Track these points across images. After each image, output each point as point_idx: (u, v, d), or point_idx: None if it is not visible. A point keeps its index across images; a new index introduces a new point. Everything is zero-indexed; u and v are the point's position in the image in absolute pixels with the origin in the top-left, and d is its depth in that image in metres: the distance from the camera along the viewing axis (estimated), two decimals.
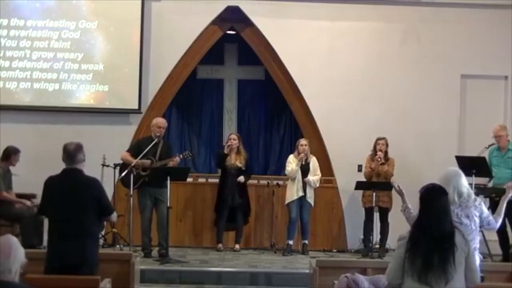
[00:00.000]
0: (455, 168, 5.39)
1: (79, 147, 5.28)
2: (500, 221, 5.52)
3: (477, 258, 4.77)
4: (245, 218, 9.77)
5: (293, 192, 9.52)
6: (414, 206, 5.56)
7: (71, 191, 5.16)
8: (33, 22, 10.01)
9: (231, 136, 9.85)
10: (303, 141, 9.66)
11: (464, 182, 5.28)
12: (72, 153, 5.23)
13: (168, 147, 9.24)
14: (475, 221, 5.28)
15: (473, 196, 5.34)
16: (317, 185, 9.66)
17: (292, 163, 9.56)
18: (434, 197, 4.20)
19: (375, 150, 9.56)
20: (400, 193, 5.66)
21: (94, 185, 5.26)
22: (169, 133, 11.26)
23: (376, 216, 9.61)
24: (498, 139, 9.03)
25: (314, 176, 9.60)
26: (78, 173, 5.25)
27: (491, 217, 5.42)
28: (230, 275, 8.19)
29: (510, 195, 5.72)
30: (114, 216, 5.49)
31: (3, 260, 3.43)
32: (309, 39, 10.27)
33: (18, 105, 9.96)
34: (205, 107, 11.92)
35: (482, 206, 5.38)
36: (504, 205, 5.60)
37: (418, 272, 4.02)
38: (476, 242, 5.27)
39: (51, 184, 5.30)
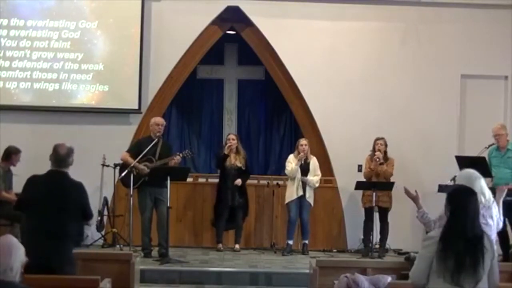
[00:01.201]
0: (472, 170, 5.34)
1: (70, 151, 5.27)
2: (502, 219, 5.54)
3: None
4: (244, 217, 9.78)
5: (292, 192, 9.51)
6: (413, 207, 5.55)
7: (56, 194, 5.17)
8: (33, 22, 10.01)
9: (229, 136, 9.85)
10: (303, 141, 9.66)
11: (484, 183, 5.31)
12: (63, 157, 5.23)
13: (168, 146, 9.25)
14: (495, 221, 5.31)
15: (492, 197, 5.36)
16: (317, 185, 9.65)
17: (291, 163, 9.56)
18: (469, 198, 4.17)
19: (374, 150, 9.56)
20: (416, 198, 5.48)
21: (79, 189, 5.28)
22: (169, 133, 11.27)
23: (376, 216, 9.60)
24: (497, 138, 9.02)
25: (314, 176, 9.60)
26: (64, 176, 5.26)
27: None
28: (230, 275, 8.19)
29: (503, 195, 5.73)
30: (92, 222, 5.55)
31: (4, 259, 3.43)
32: (309, 39, 10.27)
33: (18, 105, 9.96)
34: (205, 107, 11.91)
35: (496, 207, 5.41)
36: (500, 205, 5.62)
37: (450, 273, 3.99)
38: (495, 243, 5.28)
39: (35, 183, 5.29)
